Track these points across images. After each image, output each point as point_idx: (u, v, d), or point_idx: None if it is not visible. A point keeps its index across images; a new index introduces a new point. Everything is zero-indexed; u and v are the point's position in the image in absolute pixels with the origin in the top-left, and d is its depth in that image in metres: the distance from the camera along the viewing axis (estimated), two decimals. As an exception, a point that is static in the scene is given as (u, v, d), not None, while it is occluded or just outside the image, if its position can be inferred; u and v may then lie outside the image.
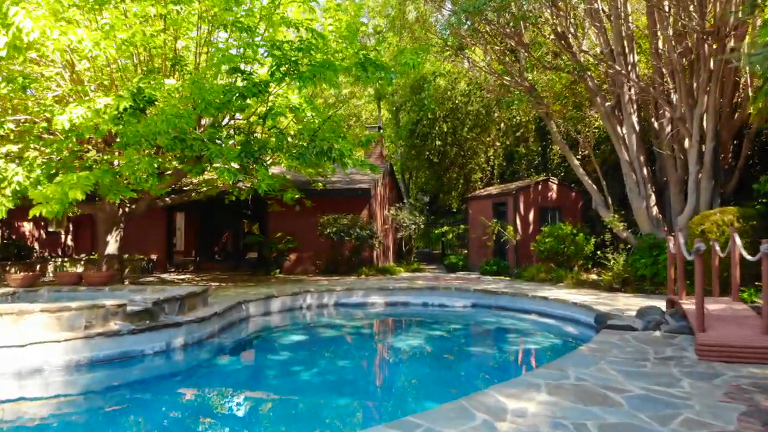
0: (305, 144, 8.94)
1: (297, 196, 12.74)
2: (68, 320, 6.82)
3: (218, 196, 12.39)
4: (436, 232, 18.92)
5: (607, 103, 13.15)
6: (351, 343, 8.50)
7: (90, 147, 10.14)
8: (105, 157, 9.41)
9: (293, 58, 8.91)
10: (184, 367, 7.24)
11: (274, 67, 8.90)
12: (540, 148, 19.19)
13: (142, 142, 7.53)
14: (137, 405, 5.58)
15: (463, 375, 6.61)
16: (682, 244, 7.12)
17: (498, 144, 20.83)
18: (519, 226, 15.18)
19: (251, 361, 7.47)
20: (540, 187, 15.66)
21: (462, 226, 17.93)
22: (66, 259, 15.92)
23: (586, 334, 8.74)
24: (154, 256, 16.45)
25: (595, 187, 13.16)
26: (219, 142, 8.53)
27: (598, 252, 13.89)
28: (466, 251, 20.32)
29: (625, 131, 12.77)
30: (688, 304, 7.06)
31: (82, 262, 15.84)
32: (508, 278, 14.30)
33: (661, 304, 9.45)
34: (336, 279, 13.76)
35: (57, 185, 7.81)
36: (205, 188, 12.06)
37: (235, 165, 10.05)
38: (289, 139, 9.60)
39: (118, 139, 8.44)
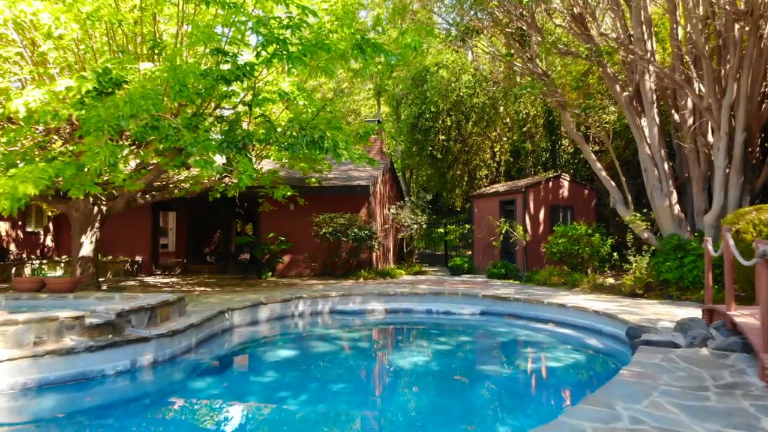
0: (295, 134, 7.92)
1: (289, 193, 11.73)
2: (14, 336, 5.81)
3: (204, 194, 11.36)
4: (440, 231, 17.93)
5: (625, 93, 12.14)
6: (346, 362, 7.47)
7: (56, 137, 9.13)
8: (70, 148, 8.38)
9: (281, 37, 7.90)
10: (152, 389, 6.23)
11: (260, 47, 7.89)
12: (549, 144, 18.18)
13: (104, 129, 6.50)
14: (84, 443, 4.57)
15: (479, 405, 5.59)
16: (732, 246, 6.11)
17: (504, 139, 19.81)
18: (528, 226, 14.17)
19: (229, 384, 6.45)
20: (551, 184, 14.66)
21: (467, 226, 16.92)
22: (45, 262, 14.91)
23: (613, 349, 7.73)
24: (139, 258, 15.43)
25: (613, 183, 12.14)
26: (197, 129, 7.47)
27: (614, 254, 12.89)
28: (470, 252, 19.30)
29: (645, 123, 11.75)
30: (741, 317, 6.04)
31: (62, 264, 14.83)
32: (517, 282, 13.29)
33: (693, 312, 8.46)
34: (332, 283, 12.75)
35: (9, 179, 6.80)
36: (187, 184, 11.03)
37: (219, 158, 9.05)
38: (279, 129, 8.56)
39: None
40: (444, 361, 7.17)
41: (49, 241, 16.41)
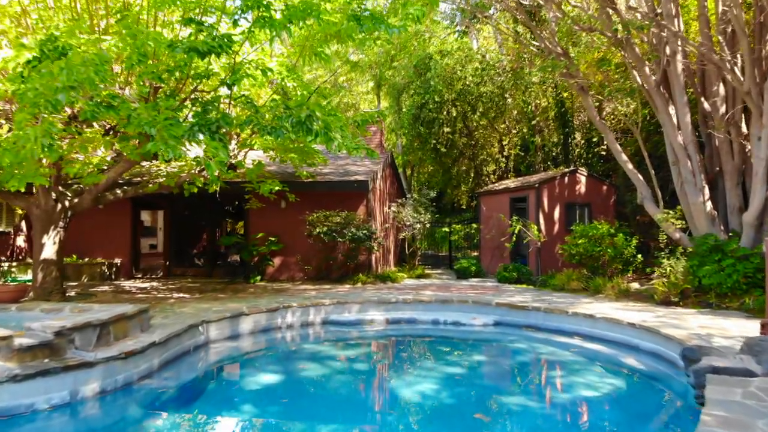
0: (279, 114, 6.67)
1: (277, 188, 10.46)
2: None
3: (182, 188, 10.11)
4: (444, 229, 16.70)
5: (653, 77, 10.88)
6: (338, 392, 6.22)
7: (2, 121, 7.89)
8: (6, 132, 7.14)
9: (264, 1, 6.66)
10: (96, 426, 4.99)
11: (238, 11, 6.66)
12: (562, 136, 16.91)
13: (40, 104, 5.26)
14: None
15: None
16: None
17: (514, 132, 18.54)
18: (542, 226, 12.93)
19: (193, 421, 5.20)
20: (567, 179, 13.42)
21: (474, 226, 15.68)
22: (14, 264, 13.65)
23: (658, 371, 6.50)
24: (118, 260, 14.17)
25: (640, 177, 10.89)
26: (157, 108, 6.22)
27: (638, 256, 11.65)
28: (476, 254, 18.07)
29: (676, 110, 10.51)
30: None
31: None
32: (531, 287, 12.05)
33: (743, 324, 7.24)
34: (327, 288, 11.51)
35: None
36: (163, 178, 9.78)
37: (199, 150, 7.80)
38: (265, 114, 7.29)
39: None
40: (457, 392, 5.91)
41: (21, 242, 15.16)
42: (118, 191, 10.08)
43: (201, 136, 6.50)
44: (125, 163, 9.11)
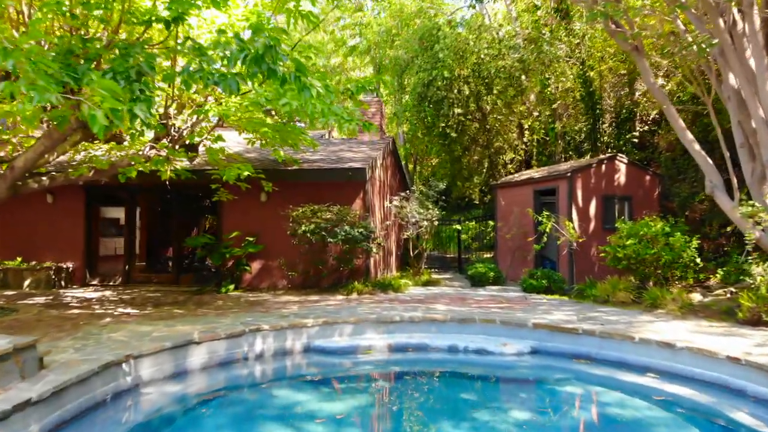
0: (230, 53, 4.45)
1: (247, 173, 8.20)
2: None
3: (160, 181, 7.88)
4: (457, 227, 14.50)
5: (715, 40, 8.65)
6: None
7: None
8: None
9: None
10: None
11: None
12: (590, 120, 14.62)
13: None
14: None
15: None
16: None
17: (535, 114, 16.27)
18: (575, 223, 10.71)
19: None
20: (604, 168, 11.19)
21: (490, 223, 13.47)
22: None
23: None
24: (69, 265, 11.95)
25: (710, 161, 8.65)
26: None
27: (697, 259, 9.43)
28: (488, 255, 15.87)
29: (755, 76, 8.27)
30: None
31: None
32: (565, 298, 9.85)
33: None
34: (314, 299, 9.31)
35: None
36: (87, 164, 7.54)
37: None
38: (213, 58, 5.06)
39: None
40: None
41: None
42: (44, 179, 7.85)
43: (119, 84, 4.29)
44: (46, 140, 6.88)
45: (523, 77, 14.90)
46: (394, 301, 9.11)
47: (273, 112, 9.53)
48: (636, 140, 14.78)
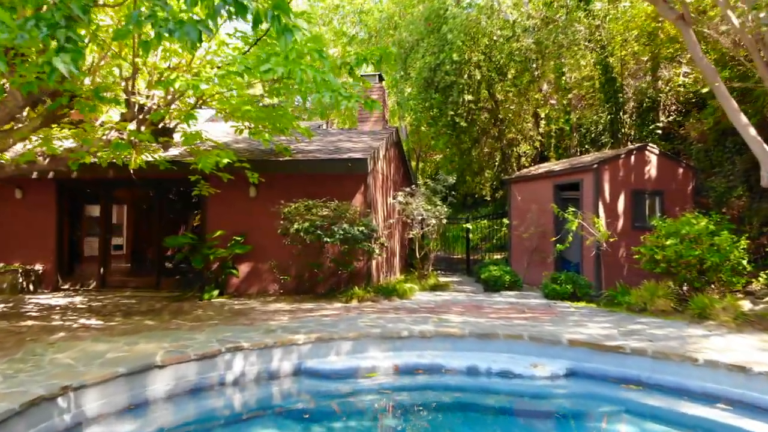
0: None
1: (225, 160, 7.03)
2: None
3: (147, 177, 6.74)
4: (467, 225, 13.35)
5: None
6: None
7: None
8: None
9: None
10: None
11: None
12: (613, 108, 13.42)
13: None
14: None
15: None
16: None
17: (552, 102, 15.07)
18: (603, 220, 9.55)
19: None
20: (633, 159, 10.03)
21: (505, 221, 12.31)
22: None
23: None
24: (39, 267, 10.80)
25: (767, 147, 7.47)
26: None
27: (744, 262, 8.27)
28: (498, 256, 14.73)
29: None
30: None
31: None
32: (593, 305, 8.70)
33: None
34: (308, 307, 8.15)
35: None
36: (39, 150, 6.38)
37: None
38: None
39: None
40: None
41: None
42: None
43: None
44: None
45: (540, 61, 13.69)
46: (400, 310, 7.95)
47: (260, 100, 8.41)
48: (660, 131, 13.63)
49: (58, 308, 8.33)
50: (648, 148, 10.18)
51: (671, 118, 13.89)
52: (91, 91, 5.24)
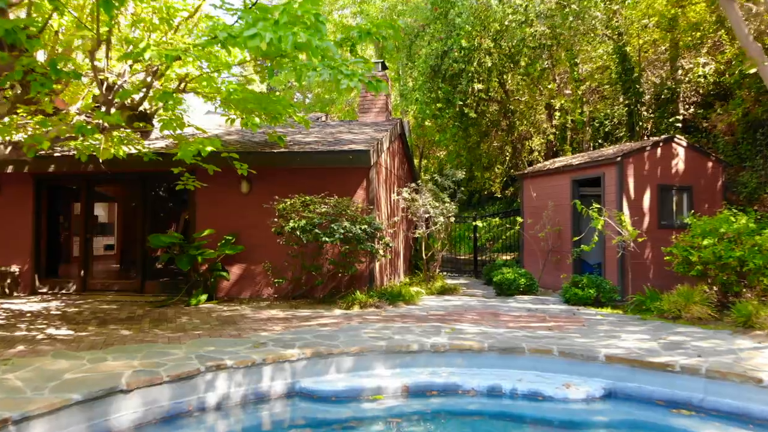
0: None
1: (209, 148, 6.20)
2: None
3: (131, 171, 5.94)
4: (477, 223, 12.56)
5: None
6: None
7: None
8: None
9: None
10: None
11: None
12: (632, 100, 12.59)
13: None
14: None
15: None
16: None
17: (567, 92, 14.25)
18: (627, 218, 8.75)
19: None
20: (659, 152, 9.23)
21: (519, 219, 11.50)
22: None
23: None
24: (15, 268, 10.01)
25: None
26: None
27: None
28: (507, 257, 13.96)
29: None
30: None
31: None
32: (619, 311, 7.89)
33: None
34: (305, 314, 7.35)
35: None
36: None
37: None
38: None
39: None
40: None
41: None
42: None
43: None
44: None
45: (555, 48, 12.85)
46: (407, 318, 7.14)
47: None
48: (679, 124, 12.82)
49: (28, 315, 7.53)
50: (675, 139, 9.38)
51: (690, 110, 13.08)
52: (47, 64, 4.46)
